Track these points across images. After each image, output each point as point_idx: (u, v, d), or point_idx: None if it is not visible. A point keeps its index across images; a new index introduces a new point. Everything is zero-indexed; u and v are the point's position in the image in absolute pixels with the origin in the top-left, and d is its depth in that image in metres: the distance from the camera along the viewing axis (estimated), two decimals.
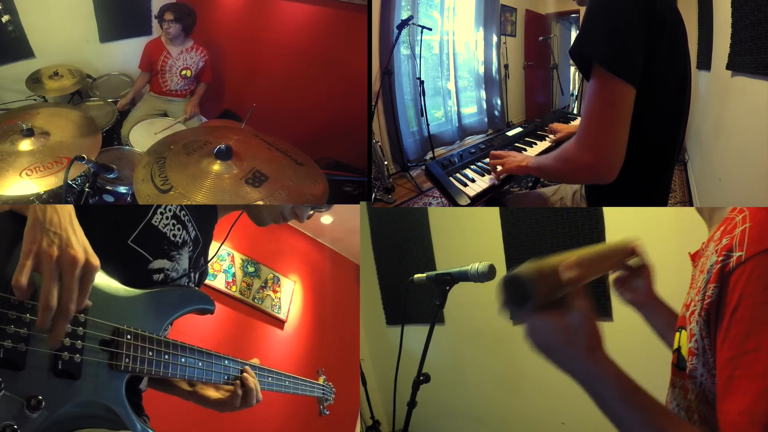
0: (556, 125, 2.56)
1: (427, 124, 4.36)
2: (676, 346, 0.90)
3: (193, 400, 1.33)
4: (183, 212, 1.21)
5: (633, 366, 0.88)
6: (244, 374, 1.30)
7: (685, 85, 1.45)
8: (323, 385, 1.83)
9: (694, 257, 0.95)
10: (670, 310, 1.13)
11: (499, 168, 1.84)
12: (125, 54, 3.63)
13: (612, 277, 1.16)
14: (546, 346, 0.76)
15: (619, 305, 1.18)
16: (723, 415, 0.71)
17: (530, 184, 2.88)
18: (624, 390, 0.73)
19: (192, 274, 1.26)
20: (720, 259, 0.76)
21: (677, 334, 0.91)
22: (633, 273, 1.14)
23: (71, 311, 0.81)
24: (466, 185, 1.91)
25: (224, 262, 3.72)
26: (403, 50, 4.21)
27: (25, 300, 0.82)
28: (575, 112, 5.12)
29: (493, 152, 1.93)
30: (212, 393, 1.31)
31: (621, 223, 2.63)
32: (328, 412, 1.83)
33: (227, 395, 1.29)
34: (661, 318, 1.12)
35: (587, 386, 0.75)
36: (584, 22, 1.27)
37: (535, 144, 2.49)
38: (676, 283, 1.01)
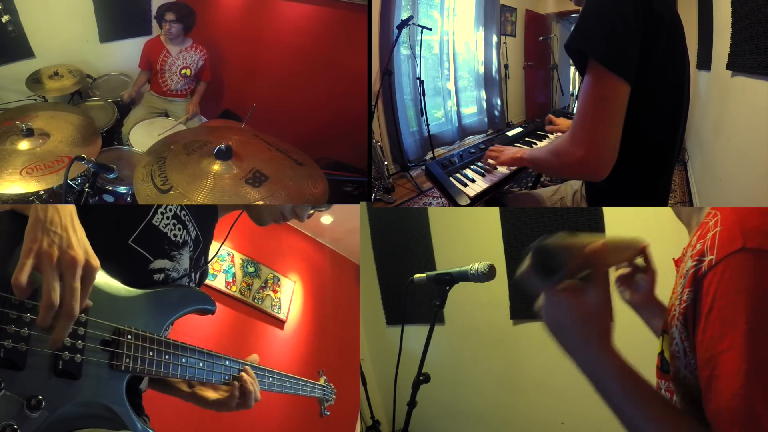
0: (557, 119, 2.56)
1: (427, 124, 4.36)
2: (659, 349, 0.92)
3: (191, 401, 1.33)
4: (183, 212, 1.21)
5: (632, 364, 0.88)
6: (243, 375, 1.29)
7: (684, 84, 1.45)
8: (324, 386, 1.83)
9: (677, 262, 0.96)
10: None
11: (496, 161, 1.84)
12: (125, 54, 3.63)
13: (616, 273, 1.16)
14: (559, 325, 0.77)
15: (618, 303, 1.17)
16: (707, 416, 0.72)
17: (530, 184, 2.89)
18: (627, 381, 0.74)
19: (193, 274, 1.26)
20: (693, 263, 0.77)
21: (660, 337, 0.92)
22: (637, 272, 1.14)
23: (75, 312, 0.81)
24: (466, 185, 1.91)
25: (224, 262, 3.73)
26: (403, 50, 4.21)
27: (24, 299, 0.82)
28: (575, 112, 5.11)
29: (490, 148, 1.94)
30: (210, 394, 1.31)
31: (621, 223, 2.62)
32: (329, 413, 1.83)
33: (225, 395, 1.29)
34: (661, 321, 1.13)
35: (590, 373, 0.76)
36: (580, 18, 1.27)
37: (535, 144, 2.49)
38: (671, 285, 1.01)
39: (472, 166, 2.04)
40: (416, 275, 1.55)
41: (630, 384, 0.74)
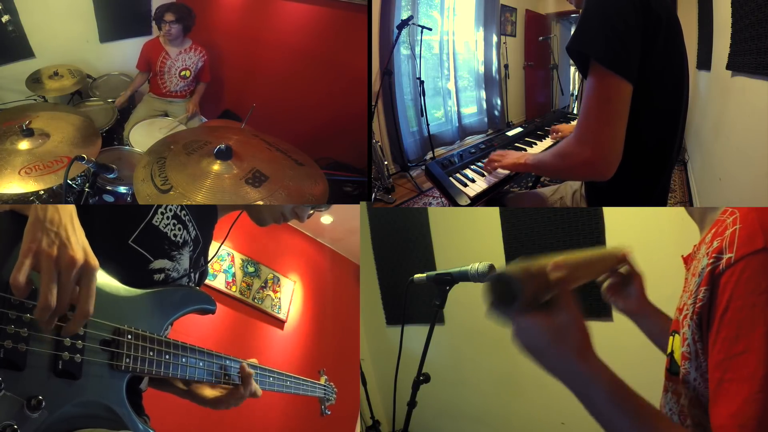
0: (557, 126, 2.57)
1: (427, 124, 4.35)
2: (669, 350, 0.90)
3: (188, 398, 1.33)
4: (183, 212, 1.21)
5: (632, 366, 0.88)
6: (247, 371, 1.30)
7: (683, 84, 1.45)
8: (325, 385, 1.83)
9: (687, 260, 0.95)
10: (665, 315, 1.12)
11: (498, 164, 1.84)
12: (125, 54, 3.63)
13: (604, 285, 1.16)
14: (535, 348, 0.74)
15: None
16: (714, 419, 0.70)
17: (530, 184, 2.89)
18: (615, 392, 0.71)
19: (192, 274, 1.26)
20: (710, 261, 0.75)
21: (671, 338, 0.90)
22: (624, 281, 1.14)
23: (65, 310, 0.81)
24: (466, 185, 1.91)
25: (224, 262, 3.72)
26: (403, 50, 4.21)
27: (23, 298, 0.81)
28: (575, 112, 5.12)
29: (492, 153, 1.94)
30: (208, 391, 1.30)
31: (621, 223, 2.62)
32: (329, 412, 1.83)
33: (224, 393, 1.29)
34: (655, 324, 1.12)
35: (576, 388, 0.72)
36: (581, 20, 1.27)
37: (535, 144, 2.50)
38: (675, 285, 1.01)
39: (472, 166, 2.04)
40: (416, 275, 1.55)
41: (619, 396, 0.71)
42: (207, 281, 1.43)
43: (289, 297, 4.21)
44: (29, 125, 2.09)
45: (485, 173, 1.96)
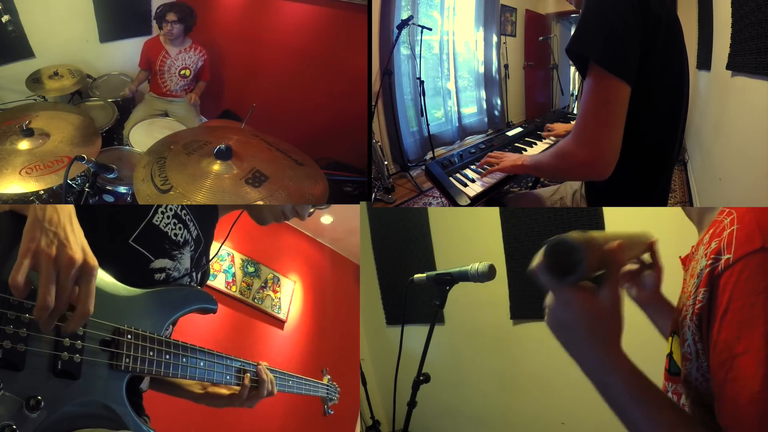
0: (553, 125, 2.57)
1: (427, 124, 4.36)
2: (668, 351, 0.90)
3: (205, 402, 1.34)
4: (184, 211, 1.21)
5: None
6: (259, 367, 1.35)
7: (683, 84, 1.45)
8: (328, 385, 1.83)
9: (685, 261, 0.94)
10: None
11: (495, 167, 1.84)
12: (125, 54, 3.63)
13: (623, 269, 1.12)
14: (567, 325, 0.74)
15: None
16: (718, 420, 0.70)
17: (530, 184, 2.89)
18: (635, 386, 0.71)
19: (194, 274, 1.25)
20: (709, 262, 0.75)
21: (669, 339, 0.90)
22: (644, 268, 1.11)
23: (63, 309, 0.81)
24: (466, 185, 1.90)
25: (224, 262, 3.72)
26: (403, 50, 4.21)
27: (22, 299, 0.81)
28: (575, 112, 5.12)
29: (489, 154, 1.94)
30: (224, 390, 1.33)
31: (621, 223, 2.62)
32: (332, 412, 1.83)
33: (239, 390, 1.32)
34: (666, 319, 1.11)
35: (595, 375, 0.73)
36: (580, 21, 1.28)
37: (535, 144, 2.49)
38: (675, 285, 1.01)
39: (472, 166, 2.04)
40: (416, 275, 1.55)
41: (638, 388, 0.71)
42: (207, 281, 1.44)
43: (289, 297, 4.21)
44: (29, 125, 2.09)
45: (483, 174, 1.96)
